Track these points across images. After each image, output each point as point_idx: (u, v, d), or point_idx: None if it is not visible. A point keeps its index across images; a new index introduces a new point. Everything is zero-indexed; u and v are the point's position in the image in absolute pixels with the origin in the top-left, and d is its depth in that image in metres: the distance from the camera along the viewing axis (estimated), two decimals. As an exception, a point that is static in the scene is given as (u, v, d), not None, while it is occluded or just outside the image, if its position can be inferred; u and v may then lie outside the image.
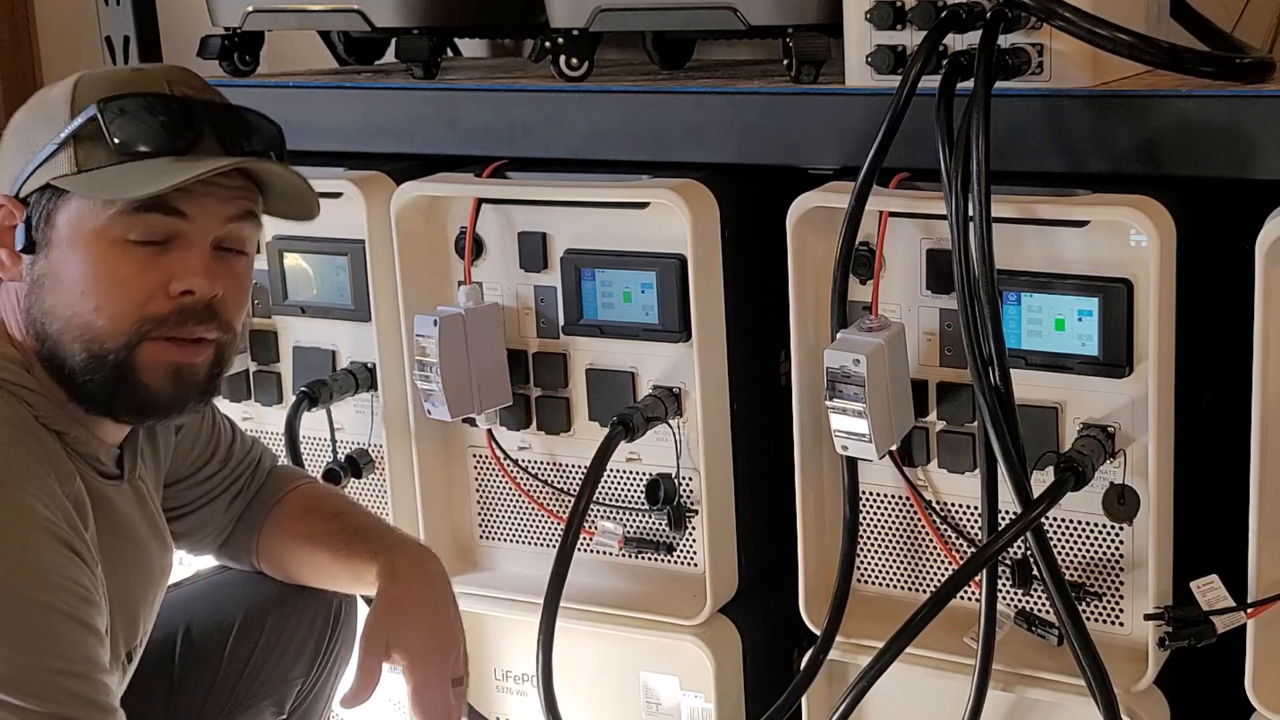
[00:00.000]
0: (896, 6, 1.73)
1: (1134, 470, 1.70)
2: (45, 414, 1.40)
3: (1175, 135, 1.62)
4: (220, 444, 1.75)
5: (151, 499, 1.58)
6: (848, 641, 1.85)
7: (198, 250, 1.41)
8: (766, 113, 1.83)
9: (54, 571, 1.30)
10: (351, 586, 1.75)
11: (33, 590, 1.29)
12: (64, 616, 1.30)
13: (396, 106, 2.07)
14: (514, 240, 1.99)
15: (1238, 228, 1.64)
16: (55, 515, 1.33)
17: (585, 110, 1.93)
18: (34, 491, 1.33)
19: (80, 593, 1.32)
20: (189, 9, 2.48)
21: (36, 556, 1.30)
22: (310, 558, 1.74)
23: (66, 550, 1.32)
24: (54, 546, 1.31)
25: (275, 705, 1.78)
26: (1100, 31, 1.58)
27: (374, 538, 1.71)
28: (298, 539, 1.75)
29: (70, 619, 1.30)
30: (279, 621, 1.76)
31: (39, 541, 1.30)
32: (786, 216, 1.78)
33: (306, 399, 2.05)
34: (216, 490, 1.74)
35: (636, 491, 1.99)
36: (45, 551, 1.31)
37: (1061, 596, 1.63)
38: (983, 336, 1.59)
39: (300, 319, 2.15)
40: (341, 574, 1.72)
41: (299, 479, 1.83)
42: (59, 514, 1.34)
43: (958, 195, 1.58)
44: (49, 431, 1.40)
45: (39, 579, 1.29)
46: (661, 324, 1.90)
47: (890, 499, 1.87)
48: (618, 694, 2.04)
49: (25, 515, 1.31)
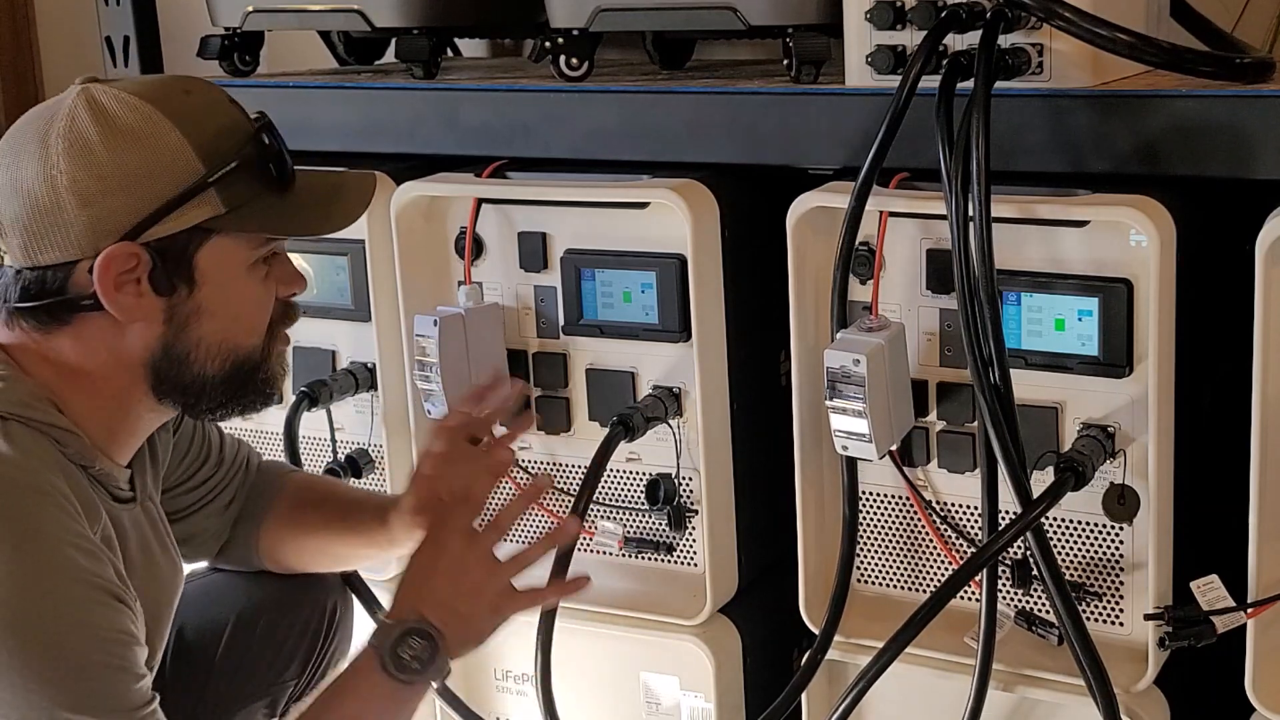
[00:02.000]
0: (896, 6, 1.73)
1: (1134, 470, 1.70)
2: (72, 449, 1.42)
3: (1175, 135, 1.62)
4: (212, 446, 1.76)
5: (160, 518, 1.60)
6: (847, 641, 1.85)
7: (286, 258, 1.53)
8: (766, 113, 1.83)
9: (104, 627, 1.34)
10: (362, 552, 1.77)
11: (90, 651, 1.32)
12: (115, 670, 1.34)
13: (396, 106, 2.07)
14: (514, 240, 1.99)
15: (1238, 228, 1.64)
16: (96, 564, 1.36)
17: (585, 110, 1.93)
18: (75, 541, 1.35)
19: (127, 640, 1.36)
20: (189, 9, 2.48)
21: (91, 614, 1.33)
22: (316, 540, 1.76)
23: (113, 600, 1.36)
24: (103, 600, 1.35)
25: (268, 706, 1.78)
26: (1100, 31, 1.58)
27: (373, 503, 1.77)
28: (302, 526, 1.76)
29: (120, 670, 1.35)
30: (273, 622, 1.76)
31: (89, 599, 1.34)
32: (786, 216, 1.78)
33: (306, 399, 2.05)
34: (212, 493, 1.74)
35: (636, 491, 1.99)
36: (97, 608, 1.34)
37: (1061, 596, 1.63)
38: (983, 336, 1.59)
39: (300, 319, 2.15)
40: (350, 544, 1.75)
41: (288, 470, 1.86)
42: (99, 560, 1.37)
43: (958, 195, 1.58)
44: (77, 467, 1.42)
45: (92, 638, 1.33)
46: (661, 324, 1.90)
47: (890, 499, 1.87)
48: (618, 694, 2.04)
49: (75, 573, 1.33)
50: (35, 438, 1.38)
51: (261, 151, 1.43)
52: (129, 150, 1.38)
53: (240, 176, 1.41)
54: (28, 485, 1.34)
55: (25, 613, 1.29)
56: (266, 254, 1.48)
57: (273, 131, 1.45)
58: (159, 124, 1.39)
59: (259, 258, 1.47)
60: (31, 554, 1.31)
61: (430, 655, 1.48)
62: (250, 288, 1.47)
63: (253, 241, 1.45)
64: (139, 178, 1.38)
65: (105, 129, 1.37)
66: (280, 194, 1.45)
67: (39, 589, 1.30)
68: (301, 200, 1.47)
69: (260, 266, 1.47)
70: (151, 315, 1.42)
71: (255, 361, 1.50)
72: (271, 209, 1.44)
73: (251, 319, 1.49)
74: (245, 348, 1.48)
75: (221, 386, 1.48)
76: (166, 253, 1.40)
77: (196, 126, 1.41)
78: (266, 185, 1.44)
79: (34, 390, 1.41)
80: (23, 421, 1.38)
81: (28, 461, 1.35)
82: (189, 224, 1.39)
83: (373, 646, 1.49)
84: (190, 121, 1.41)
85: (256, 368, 1.50)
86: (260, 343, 1.50)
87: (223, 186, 1.40)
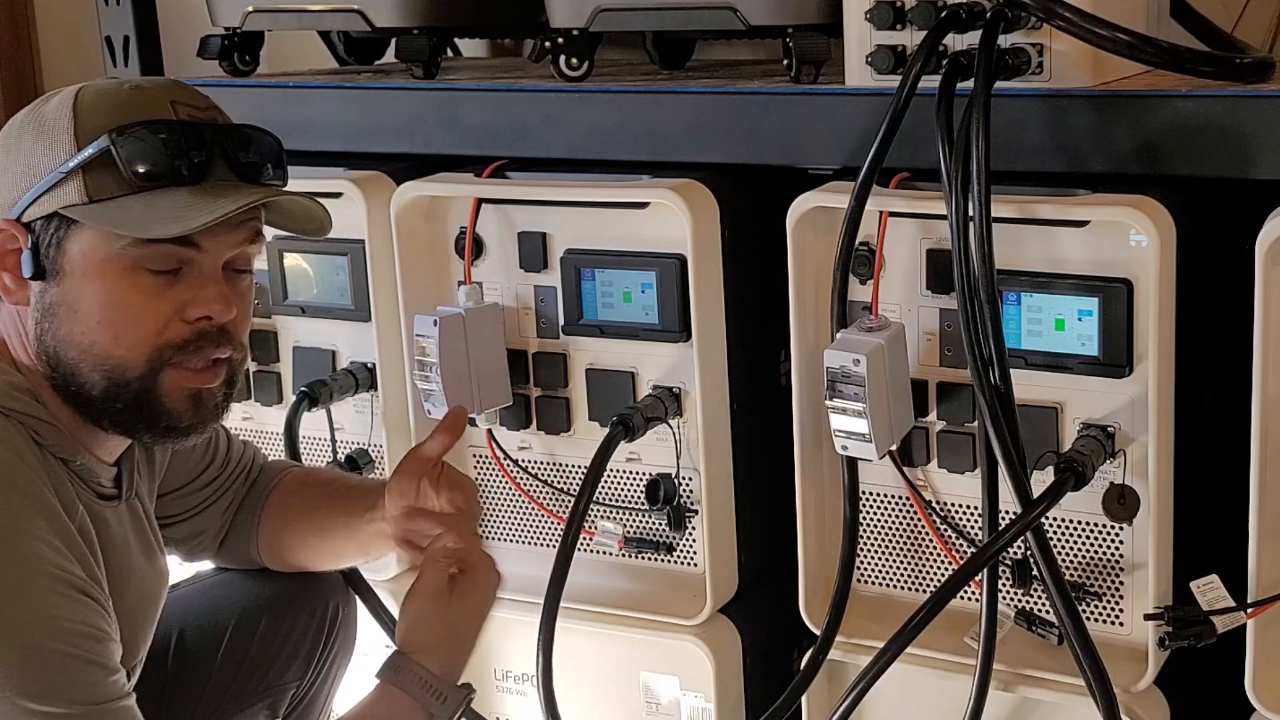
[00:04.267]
0: (896, 6, 1.73)
1: (1134, 470, 1.70)
2: (51, 441, 1.41)
3: (1175, 135, 1.62)
4: (219, 449, 1.76)
5: (147, 516, 1.59)
6: (848, 641, 1.85)
7: (211, 276, 1.42)
8: (766, 113, 1.83)
9: (67, 618, 1.33)
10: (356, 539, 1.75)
11: (48, 639, 1.31)
12: (80, 661, 1.33)
13: (396, 106, 2.06)
14: (514, 240, 1.99)
15: (1238, 228, 1.64)
16: (66, 560, 1.35)
17: (585, 110, 1.93)
18: (44, 536, 1.34)
19: (94, 634, 1.35)
20: (189, 9, 2.48)
21: (53, 606, 1.32)
22: (306, 524, 1.76)
23: (79, 595, 1.35)
24: (67, 593, 1.34)
25: (269, 708, 1.78)
26: (1100, 31, 1.58)
27: (366, 488, 1.77)
28: (293, 511, 1.77)
29: (86, 663, 1.34)
30: (274, 624, 1.76)
31: (52, 590, 1.33)
32: (786, 216, 1.78)
33: (306, 399, 2.05)
34: (216, 494, 1.75)
35: (636, 491, 1.99)
36: (60, 600, 1.33)
37: (1061, 596, 1.63)
38: (983, 336, 1.59)
39: (300, 319, 2.15)
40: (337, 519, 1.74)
41: (288, 465, 1.87)
42: (70, 555, 1.36)
43: (958, 195, 1.58)
44: (55, 459, 1.41)
45: (53, 628, 1.32)
46: (661, 324, 1.90)
47: (890, 499, 1.87)
48: (618, 694, 2.04)
49: (37, 565, 1.32)
50: (12, 429, 1.38)
51: (120, 146, 1.37)
52: (28, 128, 1.41)
53: (108, 169, 1.37)
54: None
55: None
56: (157, 263, 1.38)
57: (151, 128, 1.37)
58: (64, 107, 1.40)
59: (141, 264, 1.38)
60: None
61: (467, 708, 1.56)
62: (120, 292, 1.38)
63: (118, 239, 1.37)
64: (27, 155, 1.39)
65: (26, 112, 1.41)
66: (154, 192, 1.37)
67: (3, 581, 1.30)
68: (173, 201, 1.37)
69: (145, 274, 1.38)
70: (27, 300, 1.41)
71: (140, 388, 1.40)
72: (129, 206, 1.37)
73: (119, 327, 1.38)
74: (119, 360, 1.39)
75: (102, 397, 1.40)
76: (39, 236, 1.39)
77: (94, 115, 1.38)
78: (130, 182, 1.37)
79: (14, 381, 1.41)
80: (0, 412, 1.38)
81: (1, 453, 1.35)
82: (53, 208, 1.38)
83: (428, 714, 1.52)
84: (94, 107, 1.39)
85: (142, 396, 1.40)
86: (137, 360, 1.39)
87: (90, 176, 1.37)
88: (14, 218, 1.40)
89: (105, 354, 1.39)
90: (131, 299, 1.39)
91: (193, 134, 1.40)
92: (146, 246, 1.38)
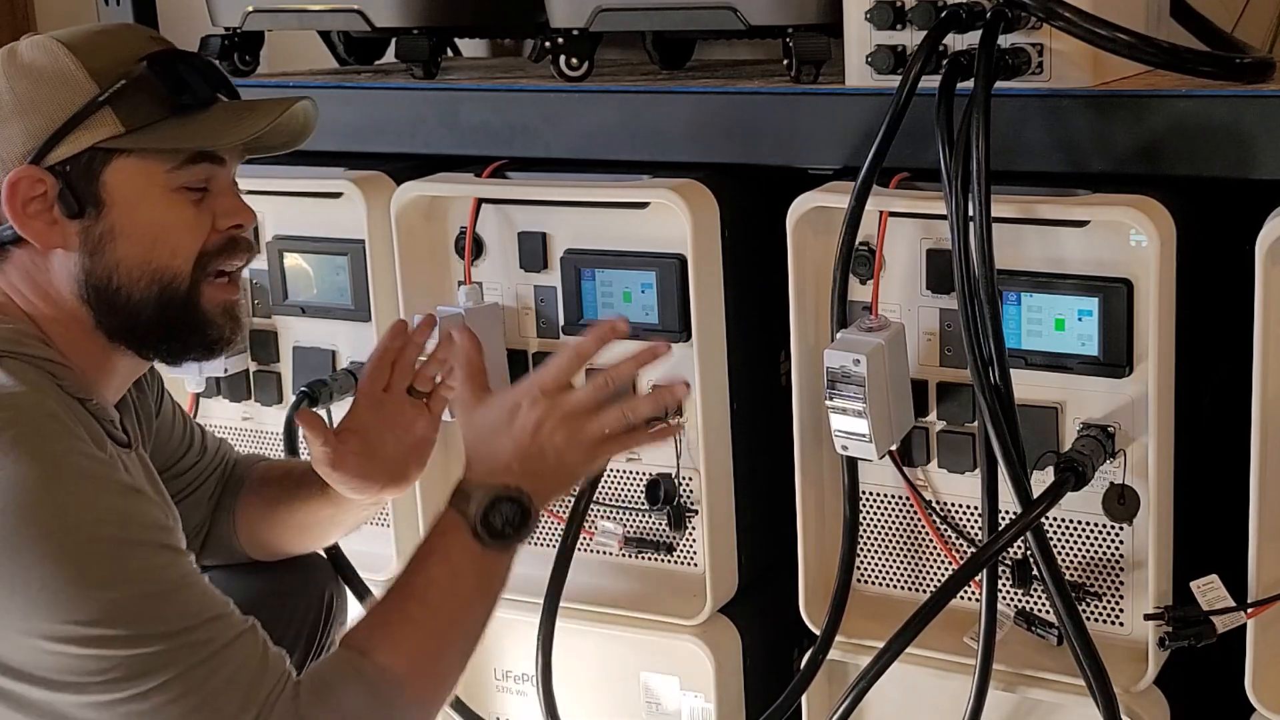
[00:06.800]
0: (896, 6, 1.73)
1: (1134, 470, 1.70)
2: (69, 383, 1.43)
3: (1175, 135, 1.62)
4: (195, 436, 1.78)
5: (156, 471, 1.60)
6: (848, 641, 1.85)
7: (230, 189, 1.51)
8: (766, 113, 1.83)
9: (129, 511, 1.35)
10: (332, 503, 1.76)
11: (115, 530, 1.33)
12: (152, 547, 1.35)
13: (396, 106, 2.06)
14: (514, 240, 1.99)
15: (1238, 228, 1.64)
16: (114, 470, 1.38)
17: (585, 110, 1.93)
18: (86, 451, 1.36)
19: (162, 522, 1.38)
20: (189, 9, 2.48)
21: (111, 501, 1.34)
22: (281, 511, 1.77)
23: (133, 492, 1.38)
24: (121, 491, 1.36)
25: None
26: (1100, 31, 1.58)
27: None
28: (265, 498, 1.78)
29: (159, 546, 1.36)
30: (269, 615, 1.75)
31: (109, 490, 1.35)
32: (786, 216, 1.78)
33: (306, 399, 2.05)
34: (196, 482, 1.76)
35: (636, 491, 1.99)
36: (116, 498, 1.35)
37: (1061, 596, 1.63)
38: (983, 336, 1.59)
39: (300, 319, 2.15)
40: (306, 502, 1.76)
41: (260, 458, 1.88)
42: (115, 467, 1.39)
43: (958, 195, 1.58)
44: (75, 400, 1.43)
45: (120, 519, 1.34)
46: (661, 324, 1.90)
47: (890, 499, 1.87)
48: (618, 694, 2.04)
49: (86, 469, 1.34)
50: (33, 372, 1.39)
51: (157, 73, 1.44)
52: (23, 79, 1.43)
53: (139, 98, 1.43)
54: (35, 408, 1.35)
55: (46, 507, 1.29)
56: (193, 180, 1.46)
57: (172, 57, 1.46)
58: (56, 53, 1.44)
59: (182, 183, 1.45)
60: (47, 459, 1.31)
61: (522, 519, 1.49)
62: (168, 210, 1.46)
63: (162, 161, 1.44)
64: (33, 102, 1.42)
65: (7, 65, 1.44)
66: (185, 114, 1.45)
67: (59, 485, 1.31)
68: (213, 118, 1.47)
69: (184, 192, 1.46)
70: (68, 241, 1.44)
71: (184, 290, 1.47)
72: (173, 128, 1.44)
73: (172, 241, 1.46)
74: (170, 269, 1.46)
75: (155, 315, 1.46)
76: (71, 175, 1.42)
77: (95, 53, 1.44)
78: (168, 106, 1.44)
79: (20, 328, 1.43)
80: (16, 357, 1.39)
81: (32, 392, 1.36)
82: (88, 144, 1.42)
83: (459, 512, 1.49)
84: (89, 49, 1.44)
85: (187, 299, 1.48)
86: (187, 267, 1.47)
87: (120, 107, 1.42)
88: (37, 164, 1.42)
89: (162, 267, 1.46)
90: (180, 213, 1.46)
91: (199, 60, 1.49)
92: (185, 167, 1.45)
